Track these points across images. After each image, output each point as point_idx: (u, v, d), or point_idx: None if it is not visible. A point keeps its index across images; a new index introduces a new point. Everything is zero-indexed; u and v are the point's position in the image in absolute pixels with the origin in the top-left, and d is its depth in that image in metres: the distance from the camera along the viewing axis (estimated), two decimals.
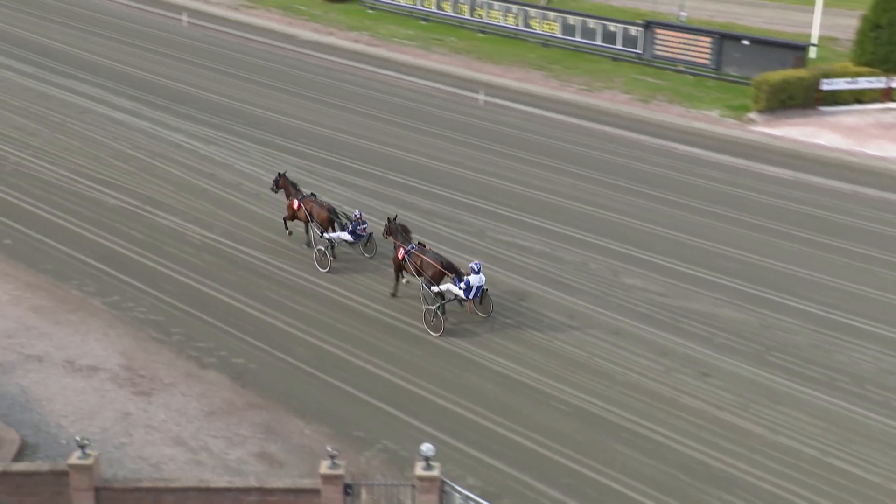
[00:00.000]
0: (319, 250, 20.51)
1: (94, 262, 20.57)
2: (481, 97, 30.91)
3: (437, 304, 18.21)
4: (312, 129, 29.63)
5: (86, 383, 16.33)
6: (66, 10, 41.94)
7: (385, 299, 19.51)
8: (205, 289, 19.75)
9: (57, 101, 30.32)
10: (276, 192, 22.38)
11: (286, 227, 21.74)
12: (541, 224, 23.37)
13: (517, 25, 40.22)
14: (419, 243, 19.22)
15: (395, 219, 19.83)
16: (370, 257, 21.15)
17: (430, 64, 37.17)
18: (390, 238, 19.70)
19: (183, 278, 20.12)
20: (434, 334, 18.13)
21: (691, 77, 35.50)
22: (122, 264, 20.58)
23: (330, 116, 30.90)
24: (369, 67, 36.78)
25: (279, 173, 22.07)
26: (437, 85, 34.99)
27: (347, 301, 19.45)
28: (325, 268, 20.42)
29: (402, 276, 19.48)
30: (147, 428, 15.25)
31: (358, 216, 20.60)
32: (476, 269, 18.07)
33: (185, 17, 41.60)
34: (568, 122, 31.44)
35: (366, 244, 21.23)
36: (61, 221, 22.32)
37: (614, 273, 20.98)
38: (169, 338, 17.95)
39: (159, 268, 20.50)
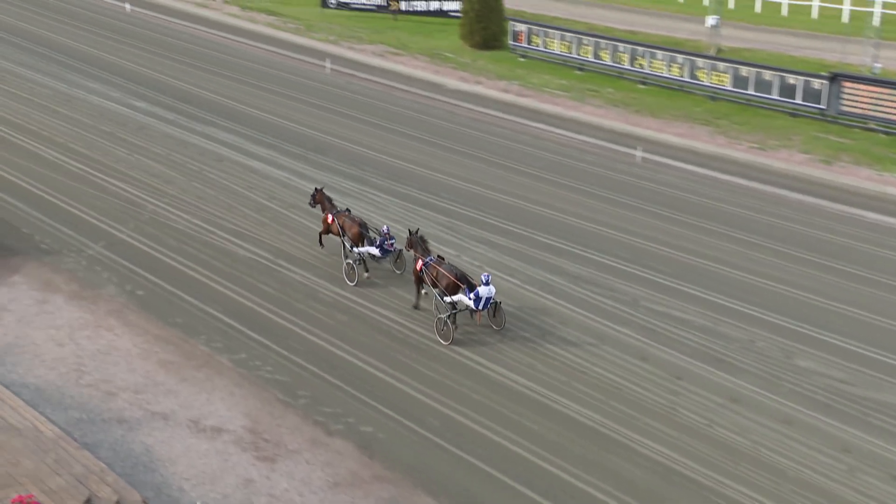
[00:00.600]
0: (349, 264, 22.95)
1: (223, 317, 21.47)
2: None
3: (448, 314, 20.35)
4: (455, 183, 30.16)
5: (209, 445, 16.94)
6: (208, 56, 44.58)
7: (514, 364, 19.45)
8: (334, 349, 20.24)
9: (195, 149, 32.08)
10: (314, 207, 24.90)
11: (320, 242, 24.34)
12: (701, 294, 22.83)
13: (682, 76, 39.92)
14: (438, 256, 21.38)
15: (416, 231, 22.14)
16: (400, 273, 23.20)
17: (584, 116, 37.30)
18: (411, 251, 21.82)
19: (312, 337, 20.70)
20: (444, 342, 20.29)
21: (884, 136, 34.17)
22: (251, 320, 21.37)
23: (474, 170, 31.39)
24: (518, 119, 37.25)
25: (316, 188, 24.80)
26: (590, 139, 35.04)
27: (484, 370, 19.48)
28: (352, 281, 22.78)
29: (423, 288, 21.35)
30: (269, 497, 15.62)
31: (386, 231, 22.88)
32: (485, 281, 20.29)
33: (328, 64, 43.47)
34: (735, 183, 30.77)
35: (395, 260, 23.52)
36: (193, 273, 23.46)
37: (786, 354, 20.20)
38: (295, 400, 18.44)
39: (288, 325, 21.17)
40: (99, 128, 33.64)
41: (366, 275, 22.96)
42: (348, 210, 23.95)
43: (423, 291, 21.39)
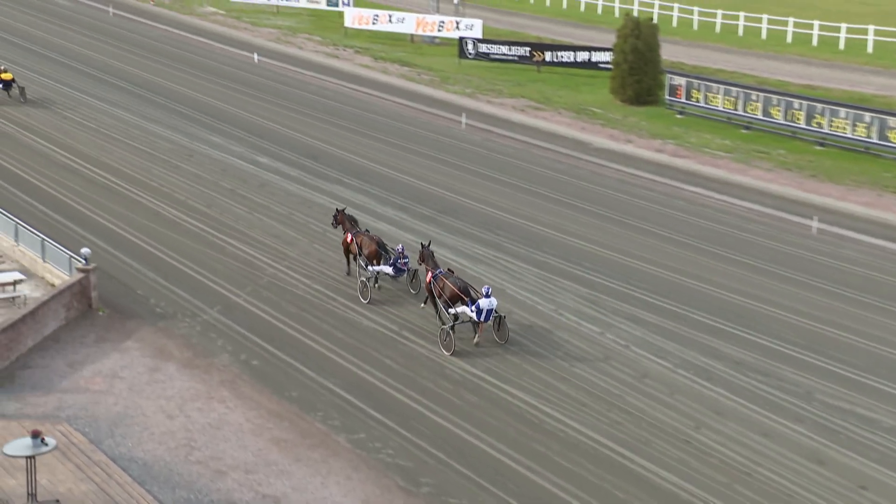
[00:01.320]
0: (362, 282, 26.01)
1: (342, 392, 21.81)
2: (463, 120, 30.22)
3: (450, 324, 23.29)
4: (600, 251, 30.02)
5: None
6: (337, 109, 46.02)
7: (666, 461, 18.98)
8: (462, 433, 20.24)
9: (319, 208, 33.00)
10: (336, 228, 28.10)
11: (348, 271, 27.27)
12: (892, 391, 21.88)
13: (869, 137, 38.84)
14: (448, 269, 24.58)
15: (428, 245, 25.37)
16: (416, 293, 26.04)
17: (750, 181, 36.68)
18: (423, 264, 24.95)
19: (438, 418, 20.78)
20: (445, 353, 23.09)
21: None
22: (372, 396, 21.64)
23: (622, 238, 31.20)
24: (673, 182, 36.94)
25: (337, 209, 28.13)
26: (757, 206, 34.38)
27: (634, 466, 19.11)
28: (366, 298, 25.79)
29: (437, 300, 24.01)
30: None
31: (400, 250, 25.89)
32: (486, 293, 23.14)
33: (464, 119, 44.25)
34: None
35: (412, 280, 26.29)
36: (312, 343, 23.98)
37: None
38: (417, 488, 18.48)
39: (412, 404, 21.32)
40: (220, 184, 35.07)
41: (377, 286, 26.20)
42: (367, 230, 27.33)
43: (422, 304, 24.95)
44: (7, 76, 43.79)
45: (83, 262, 25.13)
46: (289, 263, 28.55)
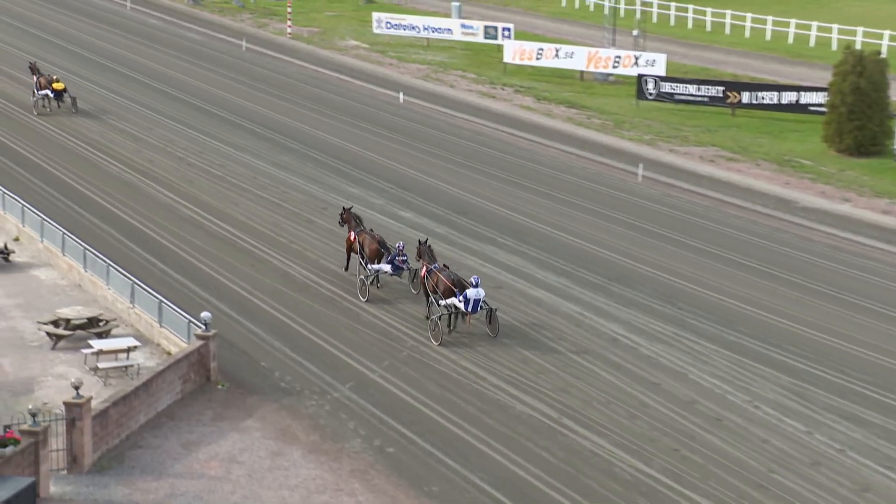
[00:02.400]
0: (361, 280, 30.66)
1: (489, 489, 21.78)
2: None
3: (439, 314, 28.03)
4: (805, 332, 29.38)
5: None
6: (492, 157, 46.42)
7: None
8: None
9: (468, 270, 33.22)
10: (342, 227, 32.76)
11: (346, 267, 32.23)
12: None
13: None
14: (444, 265, 29.40)
15: (425, 241, 30.18)
16: (417, 293, 30.23)
17: None
18: (420, 260, 29.67)
19: None
20: (434, 343, 27.80)
21: None
22: (525, 495, 21.52)
23: (834, 317, 30.50)
24: None
25: (344, 207, 32.98)
26: None
27: None
28: (364, 297, 30.42)
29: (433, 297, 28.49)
30: None
31: (400, 247, 30.59)
32: (475, 283, 27.98)
33: (640, 170, 44.09)
34: None
35: (413, 279, 30.62)
36: (456, 429, 24.09)
37: None
38: None
39: None
40: None
41: (377, 286, 30.73)
42: (371, 230, 31.82)
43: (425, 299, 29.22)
44: (59, 86, 49.93)
45: (203, 327, 26.00)
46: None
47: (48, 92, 49.26)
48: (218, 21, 76.10)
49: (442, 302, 28.15)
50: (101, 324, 28.26)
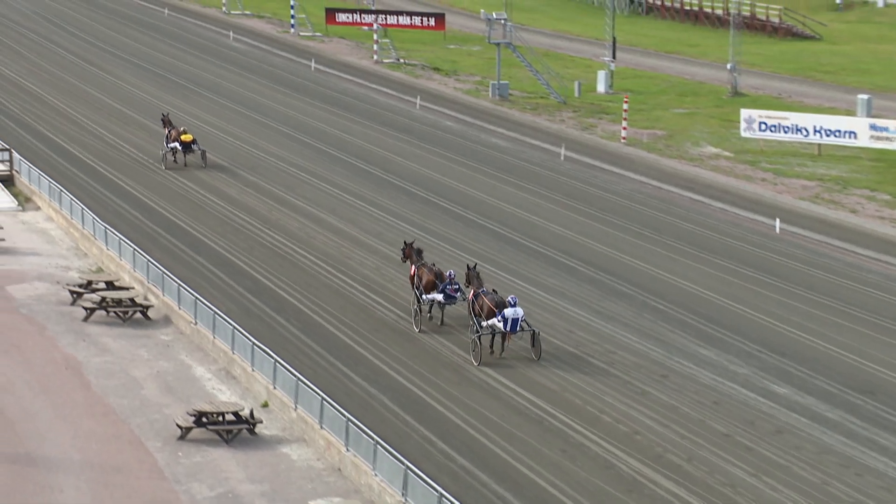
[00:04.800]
0: (415, 310, 42.54)
1: None
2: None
3: (479, 334, 39.37)
4: None
5: None
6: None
7: None
8: None
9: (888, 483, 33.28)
10: (404, 262, 44.43)
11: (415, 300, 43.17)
12: None
13: None
14: (493, 290, 40.55)
15: (474, 267, 41.78)
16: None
17: None
18: (469, 286, 41.20)
19: None
20: (474, 363, 39.09)
21: None
22: None
23: None
24: None
25: (405, 241, 44.97)
26: None
27: None
28: (418, 328, 42.25)
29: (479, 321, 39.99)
30: None
31: (451, 276, 42.03)
32: (513, 303, 38.87)
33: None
34: None
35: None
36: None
37: None
38: None
39: None
40: (707, 424, 36.30)
41: (429, 315, 42.93)
42: (433, 264, 43.28)
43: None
44: (187, 137, 63.46)
45: None
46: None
47: (176, 144, 63.19)
48: (530, 122, 78.62)
49: (484, 323, 39.34)
50: None
